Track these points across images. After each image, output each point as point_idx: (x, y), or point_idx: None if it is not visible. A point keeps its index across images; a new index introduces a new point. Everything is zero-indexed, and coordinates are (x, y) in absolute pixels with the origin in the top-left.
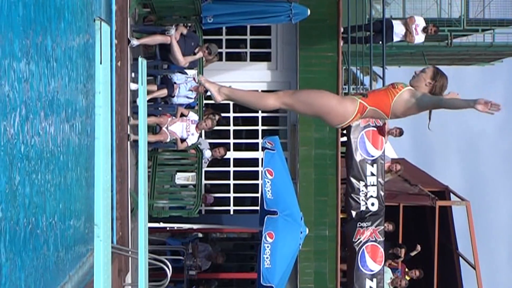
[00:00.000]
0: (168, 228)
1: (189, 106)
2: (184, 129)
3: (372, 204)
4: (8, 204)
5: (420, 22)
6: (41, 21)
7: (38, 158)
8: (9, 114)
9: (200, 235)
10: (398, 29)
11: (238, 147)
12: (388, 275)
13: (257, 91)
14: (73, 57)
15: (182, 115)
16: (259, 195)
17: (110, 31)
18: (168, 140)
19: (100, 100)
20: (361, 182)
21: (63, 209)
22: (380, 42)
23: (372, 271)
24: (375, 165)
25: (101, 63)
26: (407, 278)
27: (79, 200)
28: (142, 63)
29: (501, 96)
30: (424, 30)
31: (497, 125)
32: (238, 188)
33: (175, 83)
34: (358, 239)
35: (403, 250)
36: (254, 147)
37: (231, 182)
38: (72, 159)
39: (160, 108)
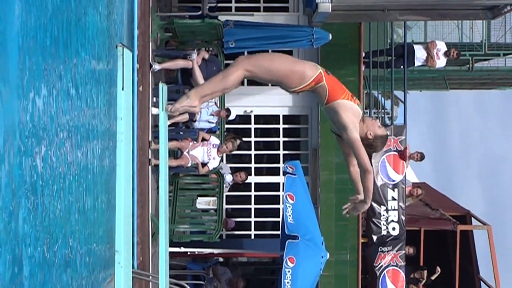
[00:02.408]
0: (189, 253)
1: (210, 131)
2: (205, 153)
3: (393, 229)
4: (25, 228)
5: (441, 47)
6: (62, 45)
7: (58, 181)
8: (31, 139)
9: (221, 259)
10: (420, 54)
11: (259, 172)
12: None
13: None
14: (95, 82)
15: (203, 139)
16: (280, 219)
17: (132, 56)
18: (189, 164)
19: (122, 126)
20: (382, 206)
21: (83, 234)
22: (402, 67)
23: None
24: (396, 190)
25: (123, 89)
26: None
27: (99, 224)
28: (163, 88)
29: None
30: (446, 54)
31: None
32: (259, 213)
33: None
34: (379, 263)
35: (424, 272)
36: (275, 172)
37: (252, 206)
38: (93, 184)
39: (181, 133)
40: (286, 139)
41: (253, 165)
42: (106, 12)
